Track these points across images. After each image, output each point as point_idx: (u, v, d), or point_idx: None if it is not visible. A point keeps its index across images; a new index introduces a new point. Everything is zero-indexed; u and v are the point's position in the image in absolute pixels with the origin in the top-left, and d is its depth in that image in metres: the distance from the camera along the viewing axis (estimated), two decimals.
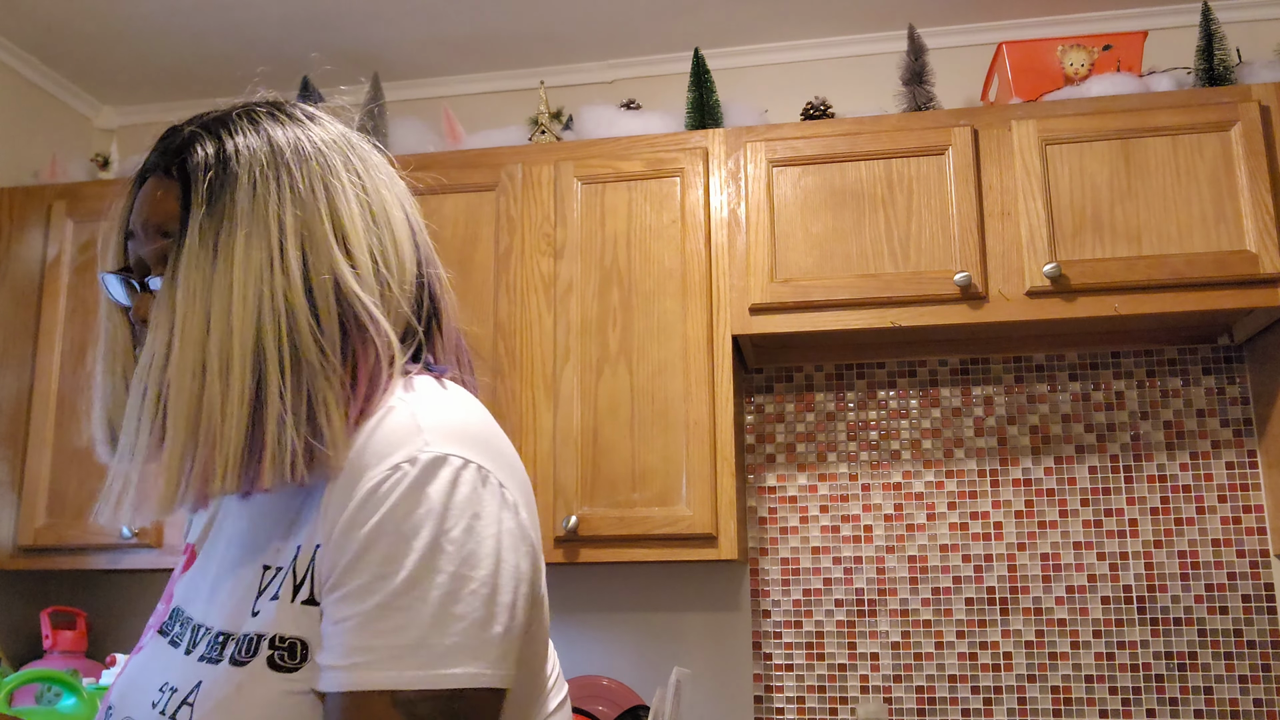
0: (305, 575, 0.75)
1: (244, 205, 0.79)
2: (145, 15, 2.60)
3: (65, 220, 2.57)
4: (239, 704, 0.73)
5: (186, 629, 0.82)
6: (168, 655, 0.82)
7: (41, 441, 2.46)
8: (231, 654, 0.76)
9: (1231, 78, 2.26)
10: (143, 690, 0.81)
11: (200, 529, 0.94)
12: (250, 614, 0.77)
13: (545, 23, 2.64)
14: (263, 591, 0.77)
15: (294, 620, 0.75)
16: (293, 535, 0.79)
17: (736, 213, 2.29)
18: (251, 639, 0.75)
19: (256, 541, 0.81)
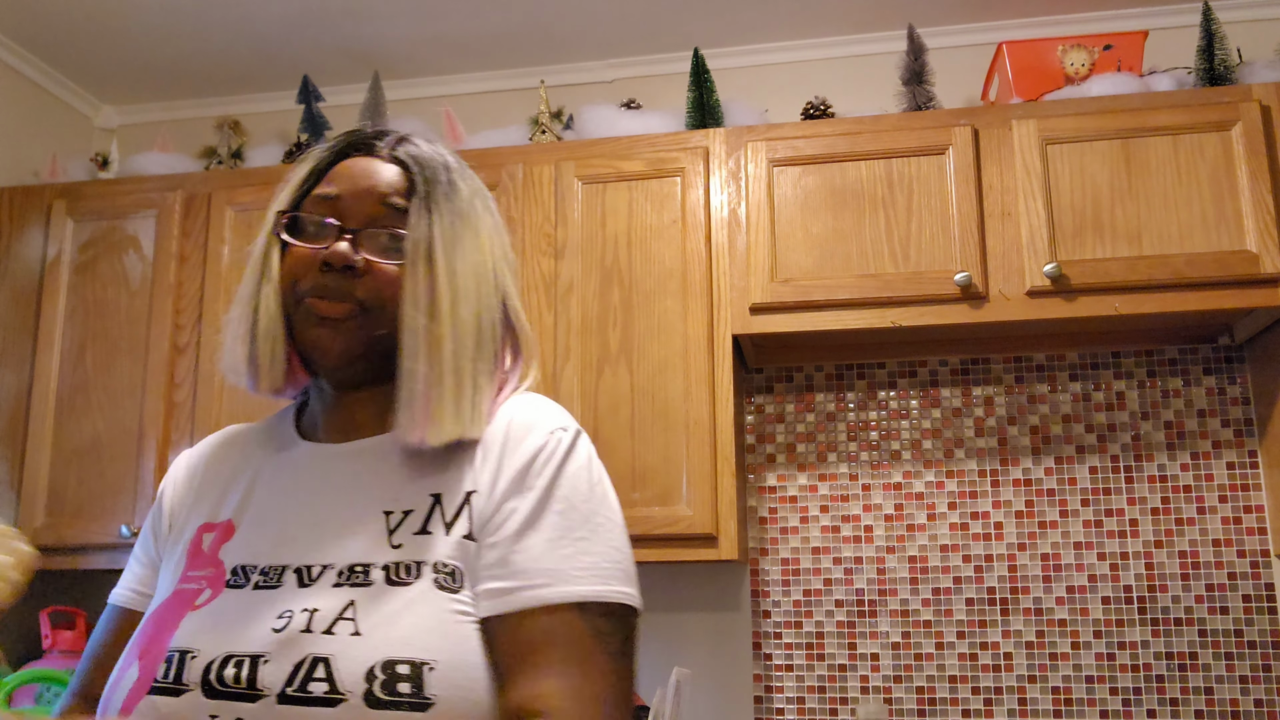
0: (457, 515, 0.90)
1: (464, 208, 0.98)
2: (145, 14, 2.59)
3: (65, 220, 2.57)
4: (409, 616, 0.84)
5: (284, 571, 0.90)
6: (270, 594, 0.88)
7: (41, 441, 2.46)
8: (385, 577, 0.86)
9: (1232, 78, 2.26)
10: (240, 626, 0.86)
11: (234, 504, 0.99)
12: (390, 546, 0.89)
13: (545, 23, 2.64)
14: (396, 529, 0.90)
15: (451, 551, 0.88)
16: (420, 484, 0.92)
17: (737, 212, 2.29)
18: (408, 565, 0.87)
19: (369, 493, 0.93)
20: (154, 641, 0.89)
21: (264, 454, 1.02)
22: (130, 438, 2.42)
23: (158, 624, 0.91)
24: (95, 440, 2.44)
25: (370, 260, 0.94)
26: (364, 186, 0.96)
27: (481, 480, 0.92)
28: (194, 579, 0.93)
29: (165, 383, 2.43)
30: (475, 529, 0.90)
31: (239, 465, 1.03)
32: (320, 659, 0.82)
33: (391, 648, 0.82)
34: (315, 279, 0.93)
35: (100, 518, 2.40)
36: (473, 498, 0.91)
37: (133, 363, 2.46)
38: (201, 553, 0.95)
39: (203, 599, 0.90)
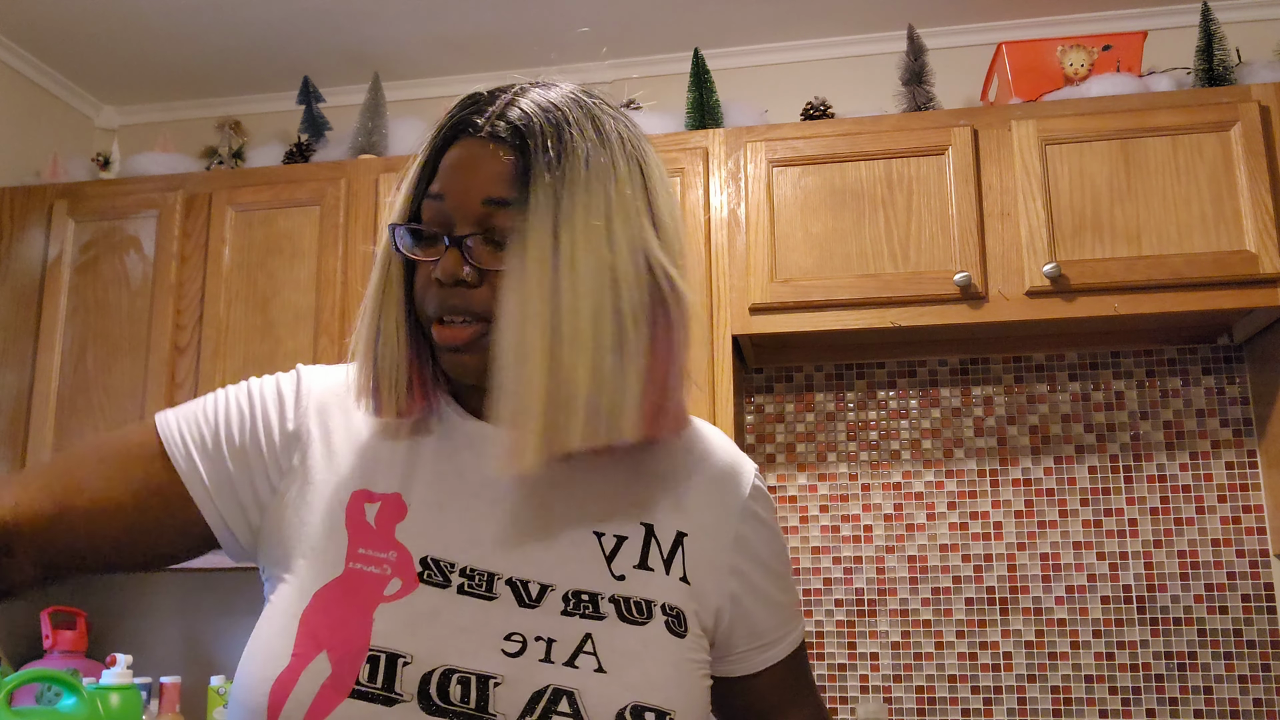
0: (672, 554, 0.87)
1: (581, 175, 0.82)
2: (146, 15, 2.60)
3: (66, 220, 2.57)
4: (649, 660, 0.81)
5: (493, 580, 0.81)
6: (486, 606, 0.80)
7: (41, 441, 2.46)
8: (616, 611, 0.82)
9: (1231, 78, 2.26)
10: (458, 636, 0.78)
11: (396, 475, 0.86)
12: (613, 577, 0.83)
13: (545, 23, 2.64)
14: (614, 556, 0.84)
15: (674, 593, 0.85)
16: (625, 501, 0.87)
17: (736, 213, 2.29)
18: (638, 602, 0.83)
19: (571, 501, 0.86)
20: (340, 632, 0.78)
21: (418, 421, 0.90)
22: None
23: (338, 609, 0.79)
24: None
25: (481, 269, 0.82)
26: (464, 184, 0.83)
27: (693, 521, 0.89)
28: (372, 560, 0.82)
29: (166, 383, 2.43)
30: (690, 573, 0.87)
31: (388, 427, 0.89)
32: (564, 692, 0.77)
33: (639, 692, 0.79)
34: (437, 297, 0.83)
35: None
36: (686, 541, 0.88)
37: (133, 363, 2.47)
38: (369, 527, 0.83)
39: (393, 589, 0.80)
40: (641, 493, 0.89)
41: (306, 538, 0.83)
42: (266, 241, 2.48)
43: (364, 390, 0.87)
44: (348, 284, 2.42)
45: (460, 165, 0.84)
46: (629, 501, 0.88)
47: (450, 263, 0.82)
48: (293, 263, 2.45)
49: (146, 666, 2.55)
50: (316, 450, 0.87)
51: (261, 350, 2.42)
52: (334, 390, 0.91)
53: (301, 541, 0.83)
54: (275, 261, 2.46)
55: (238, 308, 2.46)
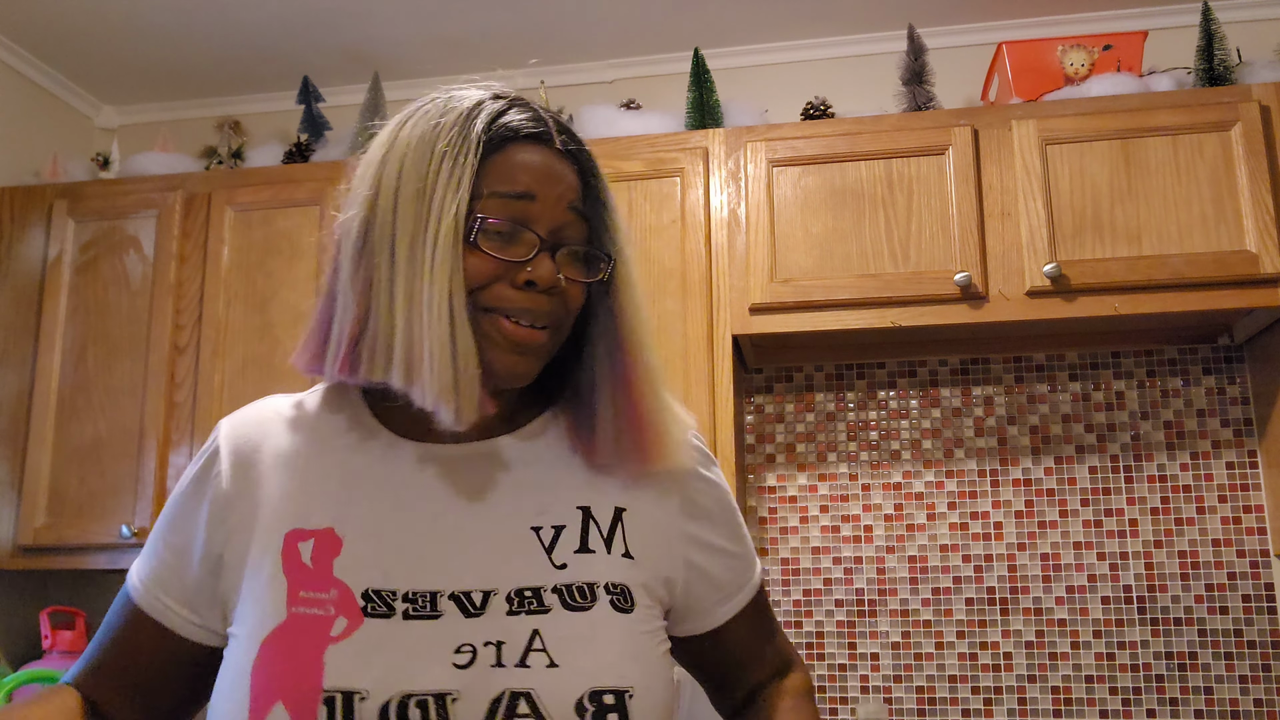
0: (612, 532, 0.88)
1: (622, 219, 0.91)
2: (145, 15, 2.60)
3: (66, 220, 2.57)
4: (599, 643, 0.81)
5: (436, 598, 0.81)
6: (432, 626, 0.80)
7: (42, 441, 2.46)
8: (560, 601, 0.82)
9: (1231, 78, 2.26)
10: (408, 662, 0.78)
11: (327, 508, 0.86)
12: (554, 567, 0.84)
13: (545, 23, 2.64)
14: (553, 548, 0.85)
15: (617, 570, 0.86)
16: (559, 494, 0.88)
17: (736, 212, 2.29)
18: (580, 587, 0.83)
19: (506, 504, 0.87)
20: (292, 679, 0.77)
21: (347, 448, 0.89)
22: (131, 438, 2.43)
23: (287, 656, 0.79)
24: (96, 440, 2.44)
25: (567, 278, 0.85)
26: (554, 190, 0.85)
27: (633, 494, 0.91)
28: (313, 602, 0.81)
29: (165, 383, 2.43)
30: (632, 546, 0.88)
31: (315, 457, 0.89)
32: (520, 694, 0.77)
33: (593, 677, 0.79)
34: (511, 297, 0.83)
35: (101, 518, 2.40)
36: (625, 516, 0.89)
37: (133, 363, 2.46)
38: (305, 567, 0.83)
39: (339, 629, 0.79)
40: (579, 478, 0.90)
41: (249, 590, 0.84)
42: (266, 241, 2.48)
43: (446, 392, 0.81)
44: None
45: (546, 170, 0.85)
46: (566, 489, 0.89)
47: (550, 269, 0.83)
48: (292, 263, 2.45)
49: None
50: (245, 501, 0.87)
51: (260, 350, 2.42)
52: (257, 426, 0.91)
53: (245, 595, 0.84)
54: (274, 261, 2.46)
55: (237, 307, 2.46)
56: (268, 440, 0.90)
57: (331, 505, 0.86)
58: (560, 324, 0.86)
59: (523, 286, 0.83)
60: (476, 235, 0.82)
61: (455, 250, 0.81)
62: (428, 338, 0.80)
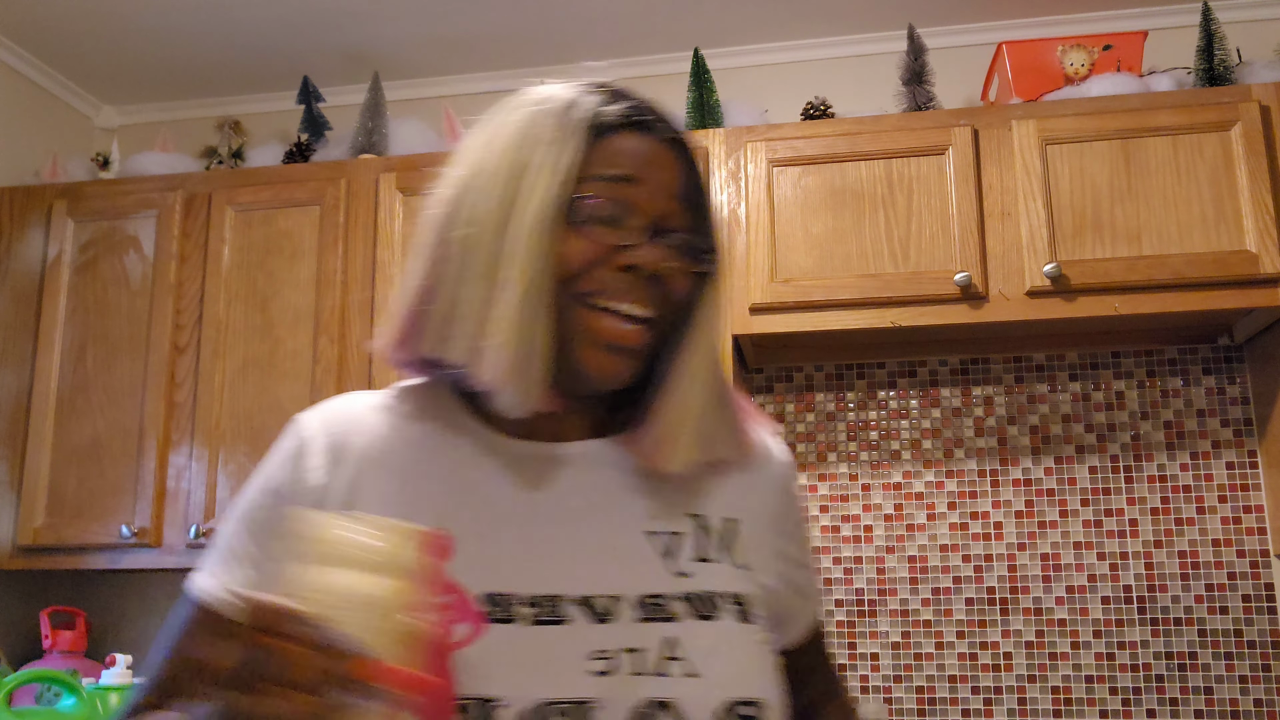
0: (728, 542, 0.86)
1: None
2: (145, 15, 2.60)
3: (66, 220, 2.57)
4: (731, 654, 0.80)
5: (559, 603, 0.78)
6: (560, 631, 0.77)
7: (41, 441, 2.46)
8: (689, 610, 0.80)
9: (1231, 78, 2.26)
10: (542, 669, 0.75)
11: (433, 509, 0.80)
12: (673, 574, 0.82)
13: (545, 23, 2.64)
14: (671, 554, 0.83)
15: (737, 580, 0.85)
16: (669, 499, 0.86)
17: (737, 213, 2.29)
18: (704, 596, 0.82)
19: (617, 508, 0.84)
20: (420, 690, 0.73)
21: (445, 446, 0.85)
22: (130, 438, 2.43)
23: None
24: (95, 440, 2.44)
25: (670, 267, 0.81)
26: (659, 176, 0.81)
27: (740, 505, 0.89)
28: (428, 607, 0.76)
29: (165, 383, 2.43)
30: (747, 557, 0.87)
31: (411, 454, 0.84)
32: (661, 703, 0.76)
33: (731, 688, 0.78)
34: (611, 280, 0.79)
35: (100, 518, 2.40)
36: (738, 526, 0.88)
37: (133, 363, 2.46)
38: None
39: (461, 634, 0.74)
40: (684, 486, 0.87)
41: None
42: (266, 241, 2.48)
43: (514, 374, 0.76)
44: (347, 284, 2.42)
45: (652, 157, 0.82)
46: (674, 497, 0.86)
47: (654, 253, 0.79)
48: (292, 262, 2.45)
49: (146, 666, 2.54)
50: (341, 497, 0.81)
51: (261, 350, 2.42)
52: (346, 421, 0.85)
53: None
54: (275, 261, 2.46)
55: (237, 307, 2.46)
56: (358, 436, 0.84)
57: (435, 505, 0.82)
58: (660, 319, 0.81)
59: (624, 270, 0.79)
60: (576, 216, 0.78)
61: (548, 231, 0.77)
62: (501, 314, 0.76)
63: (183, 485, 2.39)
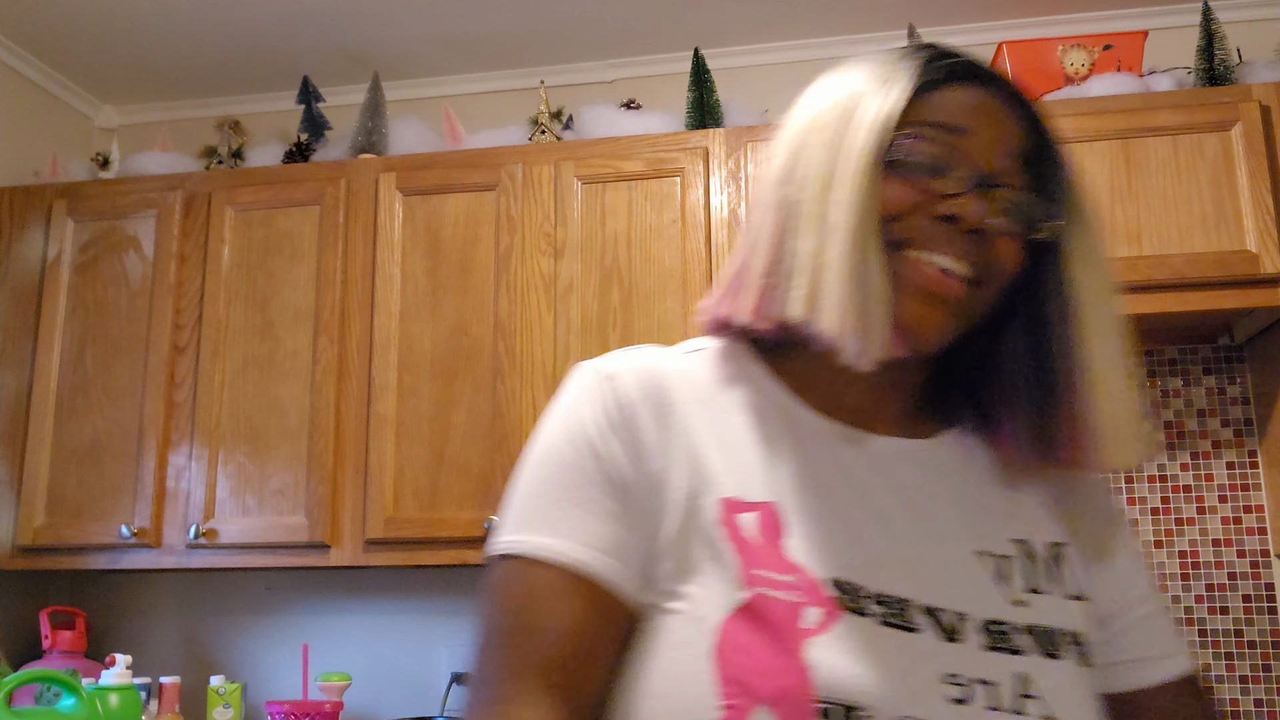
0: (1057, 572, 0.77)
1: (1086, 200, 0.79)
2: (145, 15, 2.59)
3: (65, 220, 2.57)
4: (1078, 700, 0.73)
5: (907, 607, 0.70)
6: (911, 640, 0.69)
7: (40, 441, 2.46)
8: (1035, 646, 0.73)
9: (1232, 77, 2.26)
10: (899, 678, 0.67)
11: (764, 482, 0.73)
12: (1012, 603, 0.74)
13: (545, 23, 2.64)
14: (1003, 579, 0.75)
15: (1072, 616, 0.76)
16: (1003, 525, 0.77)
17: (737, 212, 2.29)
18: (1048, 631, 0.74)
19: (946, 518, 0.76)
20: (773, 679, 0.65)
21: (761, 415, 0.77)
22: (130, 438, 2.42)
23: (757, 647, 0.66)
24: (95, 440, 2.44)
25: (998, 226, 0.74)
26: (992, 131, 0.75)
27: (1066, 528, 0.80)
28: (773, 583, 0.68)
29: (165, 383, 2.43)
30: (1078, 587, 0.78)
31: (727, 420, 0.76)
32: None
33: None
34: (927, 228, 0.73)
35: (100, 518, 2.40)
36: (1066, 552, 0.79)
37: (133, 363, 2.46)
38: (752, 543, 0.70)
39: (812, 620, 0.67)
40: (1006, 504, 0.79)
41: (686, 557, 0.70)
42: (266, 241, 2.47)
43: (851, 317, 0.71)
44: (347, 283, 2.42)
45: (986, 109, 0.75)
46: (997, 515, 0.78)
47: (978, 206, 0.72)
48: (292, 262, 2.45)
49: (146, 667, 2.54)
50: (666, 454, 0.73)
51: (261, 350, 2.42)
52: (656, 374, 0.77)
53: (679, 562, 0.70)
54: (275, 261, 2.46)
55: (237, 307, 2.46)
56: (671, 391, 0.76)
57: (761, 477, 0.73)
58: (983, 281, 0.74)
59: (940, 220, 0.73)
60: (896, 159, 0.73)
61: (871, 173, 0.72)
62: (834, 260, 0.71)
63: (182, 485, 2.39)
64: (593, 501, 0.71)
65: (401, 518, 2.28)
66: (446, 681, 2.47)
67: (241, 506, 2.36)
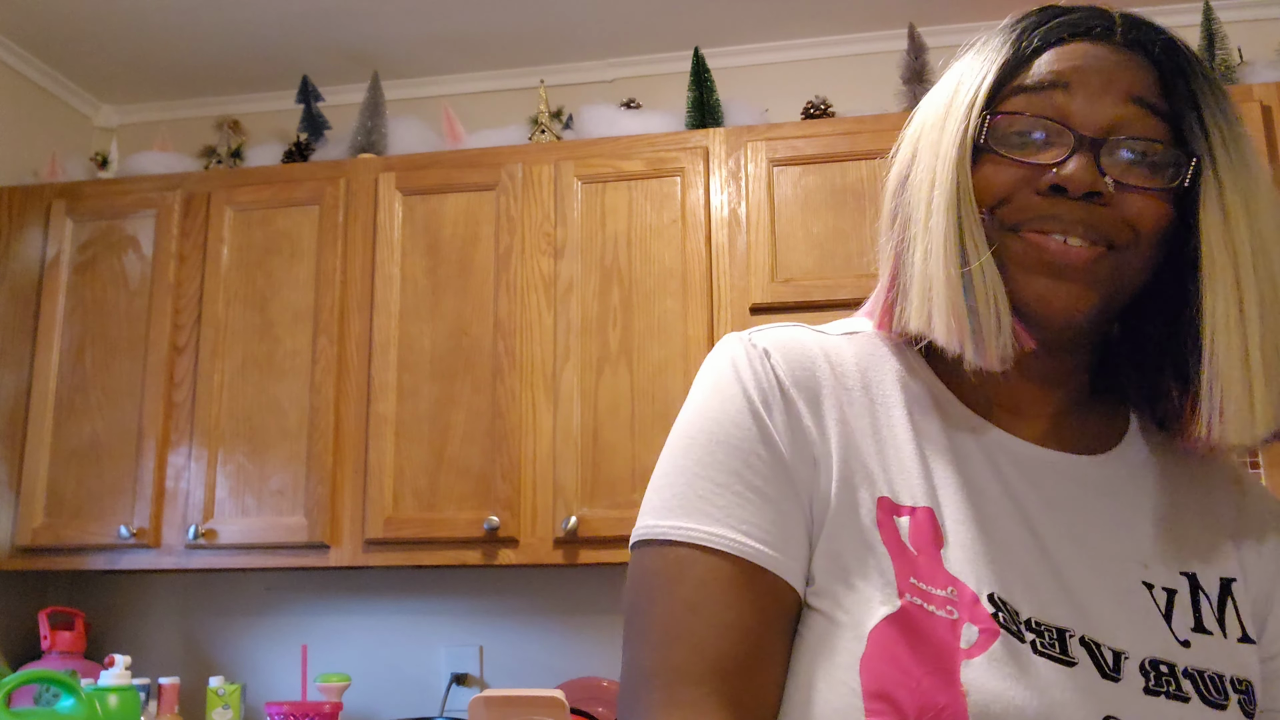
0: (1223, 610, 0.71)
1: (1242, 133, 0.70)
2: (145, 14, 2.59)
3: (65, 219, 2.56)
4: None
5: (1066, 639, 0.65)
6: (1070, 675, 0.64)
7: (40, 441, 2.45)
8: (1198, 692, 0.66)
9: (1233, 77, 2.25)
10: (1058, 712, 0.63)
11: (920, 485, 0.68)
12: (1177, 641, 0.68)
13: (545, 22, 2.64)
14: (1170, 614, 0.68)
15: (1238, 661, 0.69)
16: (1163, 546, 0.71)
17: (737, 212, 2.29)
18: (1213, 678, 0.67)
19: (1116, 545, 0.70)
20: (922, 696, 0.61)
21: (918, 411, 0.72)
22: (129, 438, 2.42)
23: (908, 660, 0.62)
24: (94, 440, 2.44)
25: (1121, 183, 0.67)
26: (1100, 78, 0.68)
27: (1238, 565, 0.73)
28: (929, 596, 0.64)
29: (164, 383, 2.43)
30: (1252, 629, 0.71)
31: (882, 414, 0.71)
32: None
33: None
34: (1036, 206, 0.67)
35: (99, 518, 2.40)
36: (1235, 589, 0.72)
37: (132, 363, 2.46)
38: (909, 550, 0.66)
39: (969, 639, 0.63)
40: (1174, 532, 0.73)
41: (836, 555, 0.66)
42: (265, 241, 2.47)
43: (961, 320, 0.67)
44: (347, 283, 2.42)
45: (1093, 61, 0.68)
46: (1163, 543, 0.71)
47: (1084, 170, 0.66)
48: (292, 262, 2.45)
49: (145, 667, 2.54)
50: (823, 443, 0.69)
51: (260, 350, 2.42)
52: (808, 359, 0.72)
53: (831, 560, 0.66)
54: (274, 261, 2.46)
55: (236, 307, 2.45)
56: (826, 375, 0.71)
57: (917, 478, 0.68)
58: (1119, 245, 0.67)
59: (1047, 193, 0.67)
60: (986, 138, 0.68)
61: (961, 165, 0.68)
62: (937, 270, 0.67)
63: (181, 485, 2.38)
64: (756, 487, 0.67)
65: (401, 518, 2.27)
66: (446, 682, 2.46)
67: (241, 507, 2.35)
